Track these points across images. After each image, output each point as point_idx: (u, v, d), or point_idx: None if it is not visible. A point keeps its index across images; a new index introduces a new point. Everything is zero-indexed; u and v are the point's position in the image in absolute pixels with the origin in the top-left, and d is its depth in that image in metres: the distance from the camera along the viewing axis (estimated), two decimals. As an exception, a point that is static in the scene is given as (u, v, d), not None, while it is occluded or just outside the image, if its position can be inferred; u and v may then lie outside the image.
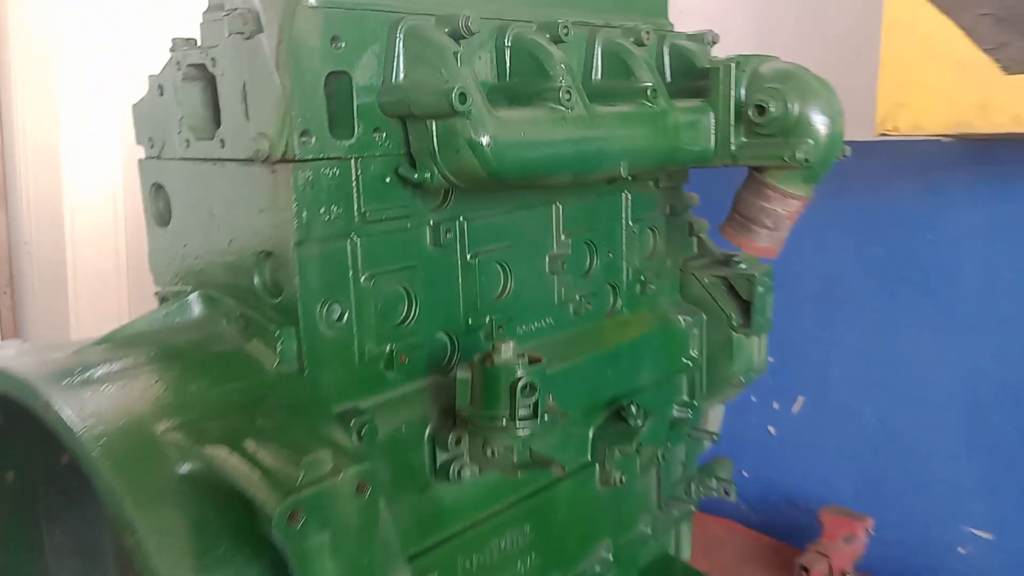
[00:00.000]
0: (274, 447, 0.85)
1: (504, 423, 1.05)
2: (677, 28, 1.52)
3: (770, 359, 1.84)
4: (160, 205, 1.19)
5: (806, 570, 2.08)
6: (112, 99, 3.11)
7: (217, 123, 1.11)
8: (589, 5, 1.33)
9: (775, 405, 2.44)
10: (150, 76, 1.14)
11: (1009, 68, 1.57)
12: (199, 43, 1.09)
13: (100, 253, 3.11)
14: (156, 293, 1.20)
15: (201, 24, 1.09)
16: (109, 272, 3.12)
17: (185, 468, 0.88)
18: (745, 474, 2.50)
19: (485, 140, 1.01)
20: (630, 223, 1.47)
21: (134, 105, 1.19)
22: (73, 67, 3.01)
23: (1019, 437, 2.03)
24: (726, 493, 1.68)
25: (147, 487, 0.84)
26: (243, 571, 0.85)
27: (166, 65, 1.11)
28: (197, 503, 0.86)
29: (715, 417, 1.72)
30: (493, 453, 1.10)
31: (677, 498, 1.61)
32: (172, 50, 1.10)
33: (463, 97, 0.99)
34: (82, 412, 0.89)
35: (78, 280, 3.06)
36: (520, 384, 1.04)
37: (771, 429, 2.46)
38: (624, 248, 1.47)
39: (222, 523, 0.86)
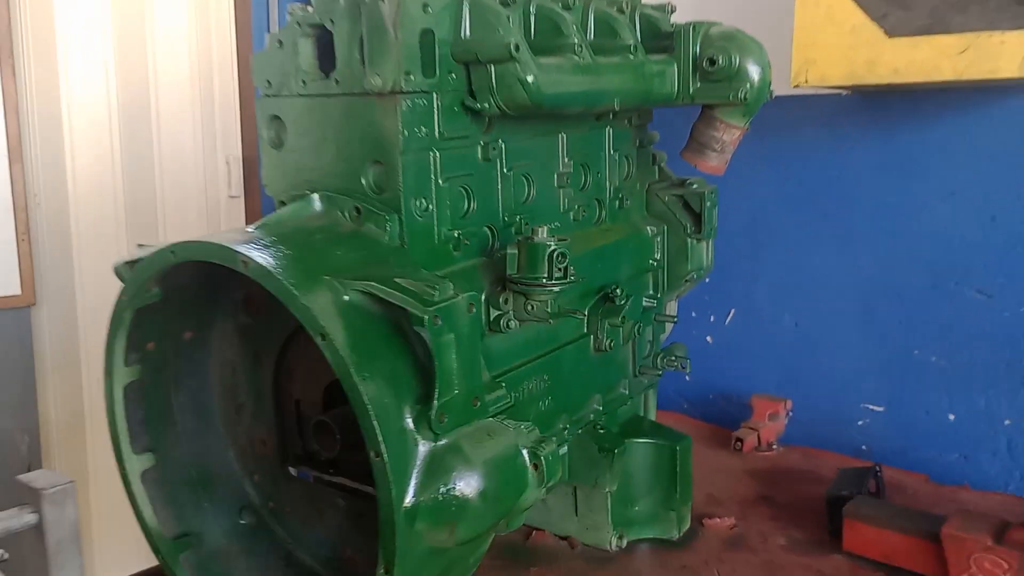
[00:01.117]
0: (411, 281, 1.27)
1: (543, 282, 1.49)
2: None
3: (706, 280, 2.32)
4: (275, 133, 1.57)
5: (740, 441, 2.60)
6: (106, 62, 3.39)
7: (323, 69, 1.50)
8: (584, -17, 1.76)
9: (711, 318, 2.95)
10: (269, 33, 1.52)
11: (890, 32, 2.07)
12: (312, 9, 1.48)
13: (100, 204, 3.40)
14: (276, 200, 1.58)
15: (317, -7, 1.47)
16: (108, 221, 3.42)
17: (347, 298, 1.28)
18: (687, 378, 3.00)
19: (531, 79, 1.44)
20: (612, 152, 1.92)
21: (254, 56, 1.56)
22: (72, 41, 3.28)
23: (901, 329, 2.57)
24: (682, 367, 2.16)
25: (327, 307, 1.25)
26: (393, 363, 1.27)
27: (287, 25, 1.49)
28: (358, 320, 1.27)
29: (671, 309, 2.19)
30: (532, 307, 1.53)
31: (647, 368, 2.08)
32: (290, 13, 1.49)
33: (517, 48, 1.41)
34: (271, 263, 1.28)
35: (81, 228, 3.35)
36: (555, 253, 1.48)
37: (708, 339, 2.97)
38: (607, 171, 1.92)
39: (374, 334, 1.28)
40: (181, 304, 1.60)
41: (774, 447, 2.63)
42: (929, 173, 2.47)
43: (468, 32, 1.46)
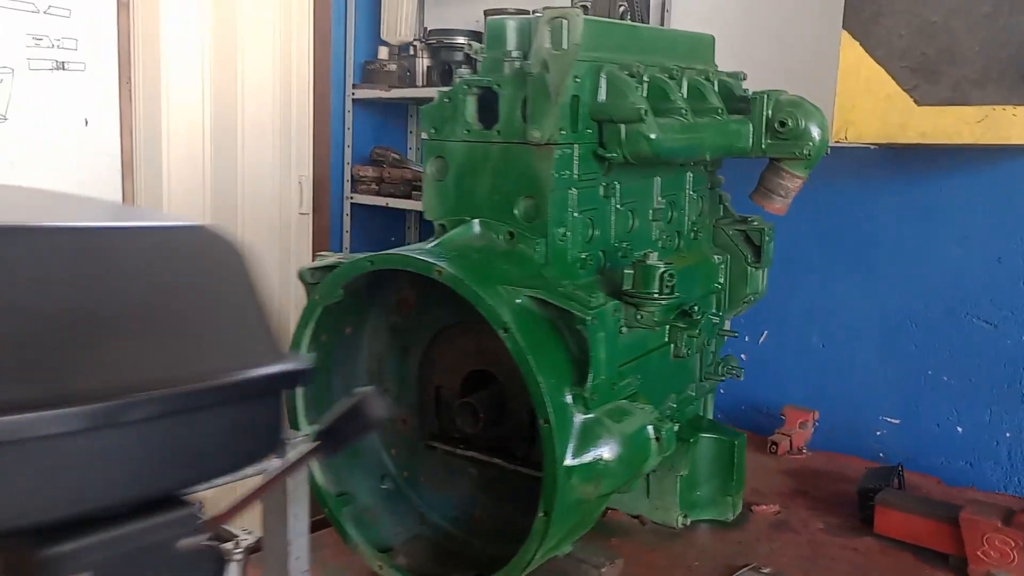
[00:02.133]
0: (569, 291, 1.65)
1: (655, 296, 1.86)
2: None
3: (749, 303, 2.70)
4: (437, 169, 1.95)
5: (775, 445, 2.97)
6: (202, 91, 3.77)
7: (482, 120, 1.88)
8: (680, 56, 2.16)
9: (746, 338, 3.33)
10: (439, 91, 1.91)
11: (919, 102, 2.47)
12: (477, 74, 1.86)
13: (189, 214, 3.77)
14: (435, 223, 1.95)
15: (481, 62, 1.86)
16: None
17: (518, 301, 1.66)
18: (722, 391, 3.37)
19: (654, 136, 1.82)
20: (691, 192, 2.31)
21: (423, 108, 1.94)
22: (174, 72, 3.67)
23: (916, 351, 2.96)
24: (737, 376, 2.53)
25: (506, 308, 1.62)
26: (554, 353, 1.64)
27: (456, 85, 1.87)
28: (528, 318, 1.64)
29: (727, 326, 2.57)
30: (642, 317, 1.90)
31: (710, 375, 2.46)
32: (459, 77, 1.87)
33: (645, 112, 1.80)
34: (459, 272, 1.65)
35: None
36: (664, 273, 1.86)
37: (743, 356, 3.34)
38: (687, 208, 2.30)
39: (540, 330, 1.65)
40: (349, 305, 1.96)
41: (803, 451, 3.01)
42: (945, 219, 2.87)
43: (604, 97, 1.85)
